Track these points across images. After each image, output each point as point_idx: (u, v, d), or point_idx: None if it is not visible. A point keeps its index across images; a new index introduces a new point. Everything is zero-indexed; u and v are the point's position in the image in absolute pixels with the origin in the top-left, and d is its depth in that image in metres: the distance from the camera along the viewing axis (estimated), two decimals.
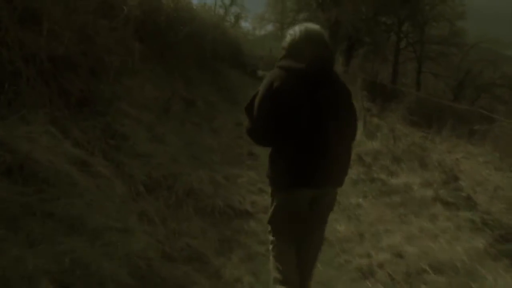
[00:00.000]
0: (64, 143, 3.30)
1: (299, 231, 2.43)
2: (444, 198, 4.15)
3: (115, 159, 3.72)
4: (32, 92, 3.44)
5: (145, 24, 6.33)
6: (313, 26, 2.36)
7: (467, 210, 3.92)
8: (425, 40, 23.56)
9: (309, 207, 2.34)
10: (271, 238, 2.48)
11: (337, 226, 3.76)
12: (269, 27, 22.85)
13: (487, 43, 24.12)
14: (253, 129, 2.31)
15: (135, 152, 3.92)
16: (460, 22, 22.77)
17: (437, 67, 24.77)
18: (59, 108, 3.76)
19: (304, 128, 2.19)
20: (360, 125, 6.99)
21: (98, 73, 4.48)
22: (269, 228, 2.49)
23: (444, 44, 23.24)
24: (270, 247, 2.48)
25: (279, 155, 2.29)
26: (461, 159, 8.85)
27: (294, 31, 2.32)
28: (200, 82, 8.40)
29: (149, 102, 5.29)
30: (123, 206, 3.25)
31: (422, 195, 4.14)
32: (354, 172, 5.00)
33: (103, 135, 3.84)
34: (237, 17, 20.14)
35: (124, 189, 3.45)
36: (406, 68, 25.92)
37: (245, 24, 22.68)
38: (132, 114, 4.58)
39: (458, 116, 13.47)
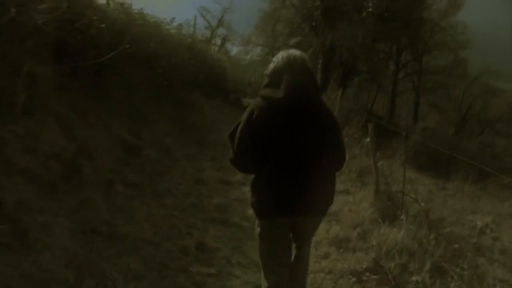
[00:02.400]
0: None
1: (285, 260, 2.37)
2: None
3: None
4: None
5: (65, 38, 4.35)
6: (295, 52, 2.28)
7: None
8: (423, 70, 22.13)
9: (290, 234, 2.36)
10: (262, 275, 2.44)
11: None
12: (258, 51, 20.96)
13: (489, 76, 23.13)
14: (234, 159, 2.25)
15: None
16: (462, 53, 21.49)
17: (436, 98, 23.49)
18: None
19: (283, 157, 2.17)
20: (370, 193, 4.97)
21: None
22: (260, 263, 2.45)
23: (445, 75, 21.87)
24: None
25: (260, 183, 2.26)
26: (491, 224, 7.05)
27: (277, 58, 2.27)
28: (157, 118, 6.40)
29: (40, 163, 3.26)
30: None
31: None
32: None
33: None
34: (224, 40, 18.40)
35: None
36: (403, 99, 24.46)
37: (233, 48, 20.80)
38: None
39: (468, 157, 12.03)
